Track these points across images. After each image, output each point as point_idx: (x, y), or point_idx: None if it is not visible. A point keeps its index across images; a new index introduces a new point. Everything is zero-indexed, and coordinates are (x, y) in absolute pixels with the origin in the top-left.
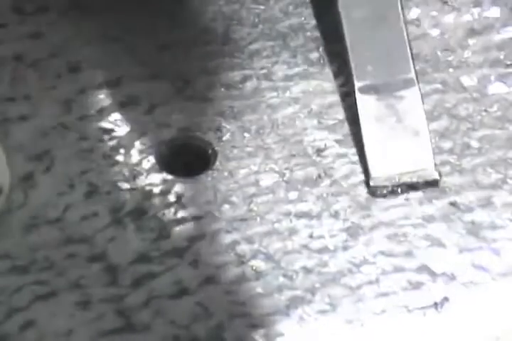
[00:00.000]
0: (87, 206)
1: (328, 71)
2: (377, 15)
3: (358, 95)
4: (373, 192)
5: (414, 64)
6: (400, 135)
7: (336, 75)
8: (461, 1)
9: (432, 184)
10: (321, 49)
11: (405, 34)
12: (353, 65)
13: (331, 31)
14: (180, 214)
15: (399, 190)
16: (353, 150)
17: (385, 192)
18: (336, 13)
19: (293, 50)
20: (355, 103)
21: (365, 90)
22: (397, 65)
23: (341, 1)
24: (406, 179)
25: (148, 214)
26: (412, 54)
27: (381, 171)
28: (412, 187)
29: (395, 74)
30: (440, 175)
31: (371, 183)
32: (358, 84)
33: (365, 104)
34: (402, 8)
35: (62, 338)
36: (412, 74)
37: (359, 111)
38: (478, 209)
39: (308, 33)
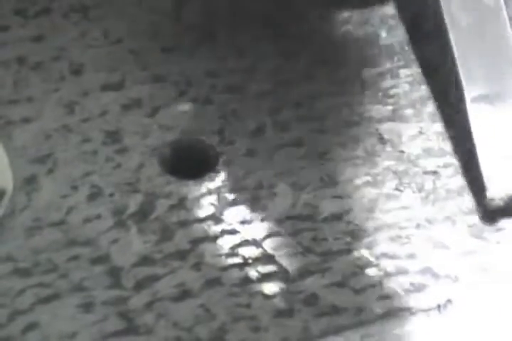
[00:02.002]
0: (90, 208)
1: (330, 73)
2: (483, 23)
3: (469, 106)
4: (488, 211)
5: None
6: None
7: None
8: None
9: None
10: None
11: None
12: (462, 76)
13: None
14: (183, 216)
15: None
16: (357, 152)
17: (501, 210)
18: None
19: (293, 53)
20: (465, 115)
21: (476, 101)
22: (507, 74)
23: (446, 9)
24: None
25: (151, 216)
26: None
27: (498, 190)
28: None
29: (506, 83)
30: None
31: (488, 196)
32: (469, 95)
33: (478, 115)
34: (507, 16)
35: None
36: None
37: (472, 123)
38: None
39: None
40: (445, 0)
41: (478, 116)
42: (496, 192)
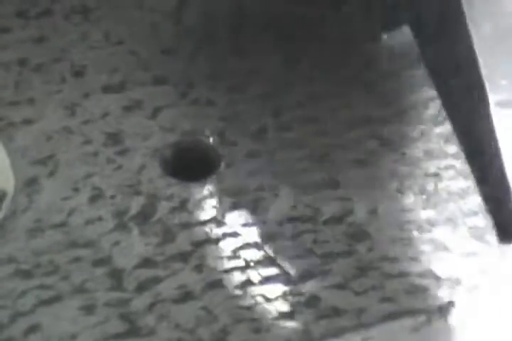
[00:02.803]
0: (91, 210)
1: (332, 75)
2: (503, 29)
3: (495, 109)
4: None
5: None
6: None
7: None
8: None
9: None
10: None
11: None
12: (486, 80)
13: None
14: (185, 218)
15: None
16: (358, 154)
17: None
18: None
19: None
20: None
21: (501, 104)
22: None
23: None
24: None
25: (152, 218)
26: None
27: None
28: None
29: None
30: None
31: None
32: (494, 99)
33: (503, 117)
34: None
35: None
36: None
37: (496, 125)
38: (483, 214)
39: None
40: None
41: (503, 120)
42: None
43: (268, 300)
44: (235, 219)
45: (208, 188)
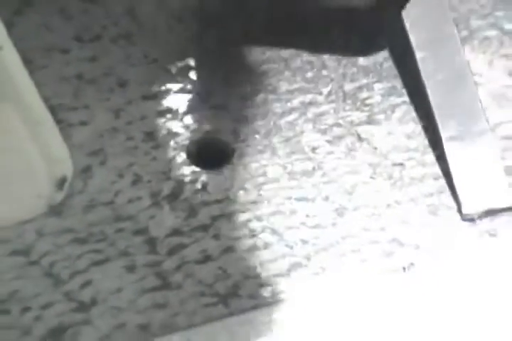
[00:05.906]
0: (132, 191)
1: (320, 87)
2: (453, 77)
3: (445, 144)
4: (465, 217)
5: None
6: (482, 172)
7: (326, 90)
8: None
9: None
10: (315, 70)
11: (477, 93)
12: (438, 120)
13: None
14: (205, 198)
15: (485, 215)
16: (340, 148)
17: (475, 217)
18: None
19: (293, 70)
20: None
21: (450, 140)
22: (473, 118)
23: (423, 70)
24: (491, 206)
25: (180, 198)
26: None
27: (470, 202)
28: (495, 211)
29: (472, 126)
30: None
31: (464, 212)
32: (444, 136)
33: (452, 150)
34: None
35: (113, 294)
36: (485, 125)
37: (447, 156)
38: (437, 194)
39: (304, 58)
40: (422, 61)
41: (452, 152)
42: (469, 208)
43: (270, 261)
44: (244, 198)
45: (223, 175)
